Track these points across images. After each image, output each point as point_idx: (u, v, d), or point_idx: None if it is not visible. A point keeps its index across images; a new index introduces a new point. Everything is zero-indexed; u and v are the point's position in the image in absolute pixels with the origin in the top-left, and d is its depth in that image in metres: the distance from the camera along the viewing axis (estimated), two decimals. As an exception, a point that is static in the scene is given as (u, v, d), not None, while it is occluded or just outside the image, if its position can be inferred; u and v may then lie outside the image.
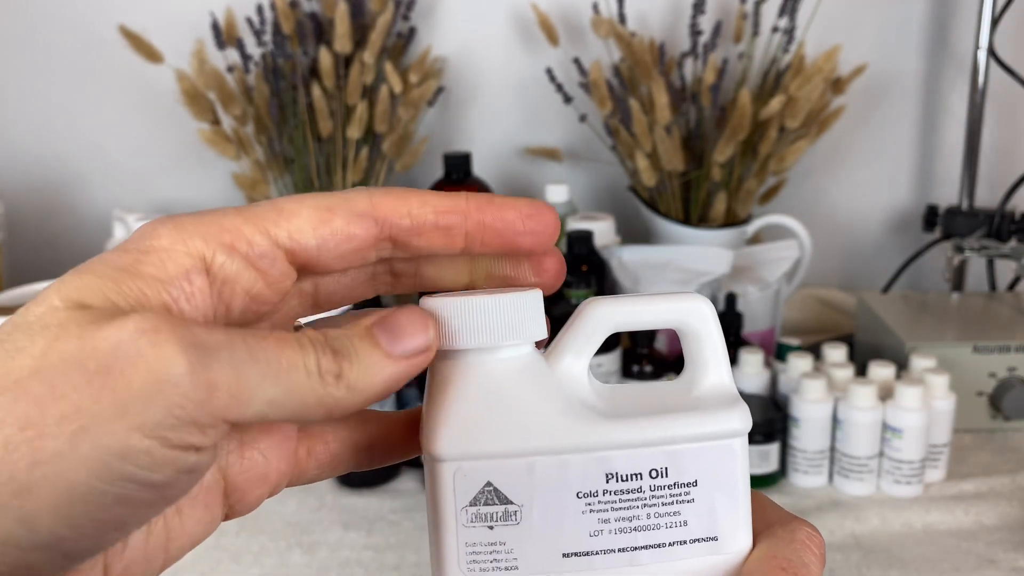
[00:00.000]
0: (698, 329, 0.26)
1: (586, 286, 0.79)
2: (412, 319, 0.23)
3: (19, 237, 1.09)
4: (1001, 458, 0.80)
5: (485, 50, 1.11)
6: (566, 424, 0.24)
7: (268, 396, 0.21)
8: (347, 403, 0.22)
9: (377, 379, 0.22)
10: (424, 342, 0.23)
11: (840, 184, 1.15)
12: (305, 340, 0.22)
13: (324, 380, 0.22)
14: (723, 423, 0.25)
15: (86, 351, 0.20)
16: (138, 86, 1.09)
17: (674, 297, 0.26)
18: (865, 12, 1.09)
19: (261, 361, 0.21)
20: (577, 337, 0.25)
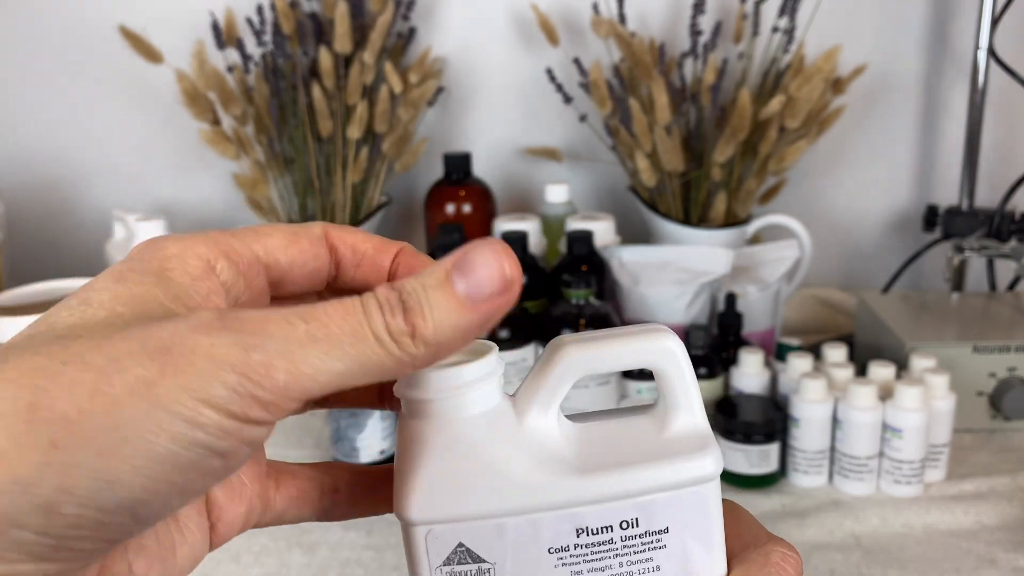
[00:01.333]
0: (668, 368, 0.25)
1: (586, 286, 0.79)
2: (486, 256, 0.23)
3: (19, 237, 1.10)
4: (1001, 458, 0.80)
5: (485, 50, 1.11)
6: (536, 482, 0.24)
7: (336, 369, 0.21)
8: (425, 357, 0.22)
9: (453, 330, 0.22)
10: (501, 284, 0.22)
11: (840, 184, 1.15)
12: (372, 304, 0.22)
13: (398, 342, 0.22)
14: (694, 470, 0.25)
15: (146, 337, 0.21)
16: (138, 86, 1.09)
17: (642, 336, 0.25)
18: (865, 12, 1.09)
19: (321, 340, 0.21)
20: (545, 386, 0.25)
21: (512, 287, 0.23)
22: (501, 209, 1.12)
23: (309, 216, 0.99)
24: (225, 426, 0.20)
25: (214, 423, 0.20)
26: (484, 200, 1.03)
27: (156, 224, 0.95)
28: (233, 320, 0.21)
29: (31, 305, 0.88)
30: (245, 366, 0.21)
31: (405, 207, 1.15)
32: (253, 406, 0.21)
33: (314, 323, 0.22)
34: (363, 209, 1.00)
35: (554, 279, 0.86)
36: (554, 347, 0.25)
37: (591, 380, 0.79)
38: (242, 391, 0.20)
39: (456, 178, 1.03)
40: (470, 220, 1.01)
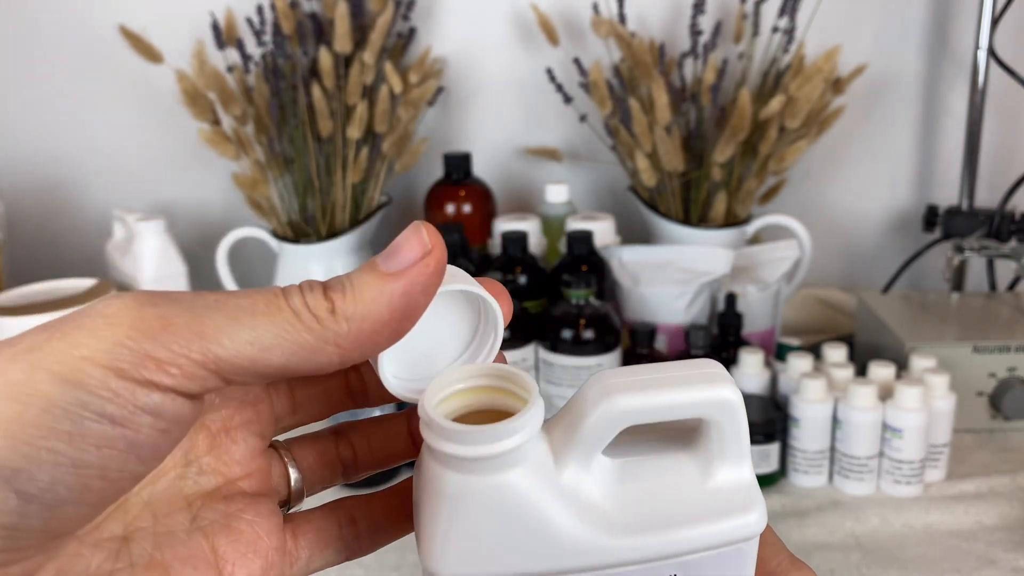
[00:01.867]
0: (724, 421, 0.23)
1: (586, 286, 0.79)
2: (407, 233, 0.23)
3: (19, 237, 1.09)
4: (1001, 458, 0.80)
5: (485, 50, 1.11)
6: (576, 542, 0.23)
7: (246, 336, 0.20)
8: (352, 334, 0.22)
9: (375, 301, 0.22)
10: (420, 251, 0.22)
11: (840, 184, 1.15)
12: (291, 286, 0.22)
13: (317, 317, 0.21)
14: (740, 530, 0.24)
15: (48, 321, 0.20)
16: (138, 86, 1.09)
17: (699, 386, 0.23)
18: (865, 12, 1.09)
19: (229, 305, 0.21)
20: (587, 439, 0.23)
21: (433, 252, 0.22)
22: (501, 209, 1.12)
23: (309, 216, 0.99)
24: (113, 386, 0.19)
25: (99, 381, 0.19)
26: (484, 200, 1.03)
27: (156, 224, 0.96)
28: (139, 292, 0.21)
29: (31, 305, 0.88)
30: (139, 319, 0.20)
31: (405, 207, 1.15)
32: (148, 364, 0.19)
33: (224, 295, 0.21)
34: (363, 209, 1.00)
35: (554, 279, 0.86)
36: (599, 393, 0.23)
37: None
38: (133, 346, 0.19)
39: (456, 178, 1.03)
40: (470, 220, 1.01)
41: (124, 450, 0.20)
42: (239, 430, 0.27)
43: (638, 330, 0.82)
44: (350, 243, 0.98)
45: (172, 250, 0.97)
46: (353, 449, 0.29)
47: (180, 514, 0.25)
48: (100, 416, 0.19)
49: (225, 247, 1.00)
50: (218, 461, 0.26)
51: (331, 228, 0.99)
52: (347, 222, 0.99)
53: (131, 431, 0.20)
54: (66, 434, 0.19)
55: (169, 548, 0.24)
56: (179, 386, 0.20)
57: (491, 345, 0.26)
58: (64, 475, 0.19)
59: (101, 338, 0.19)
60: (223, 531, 0.25)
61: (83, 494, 0.20)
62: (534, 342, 0.82)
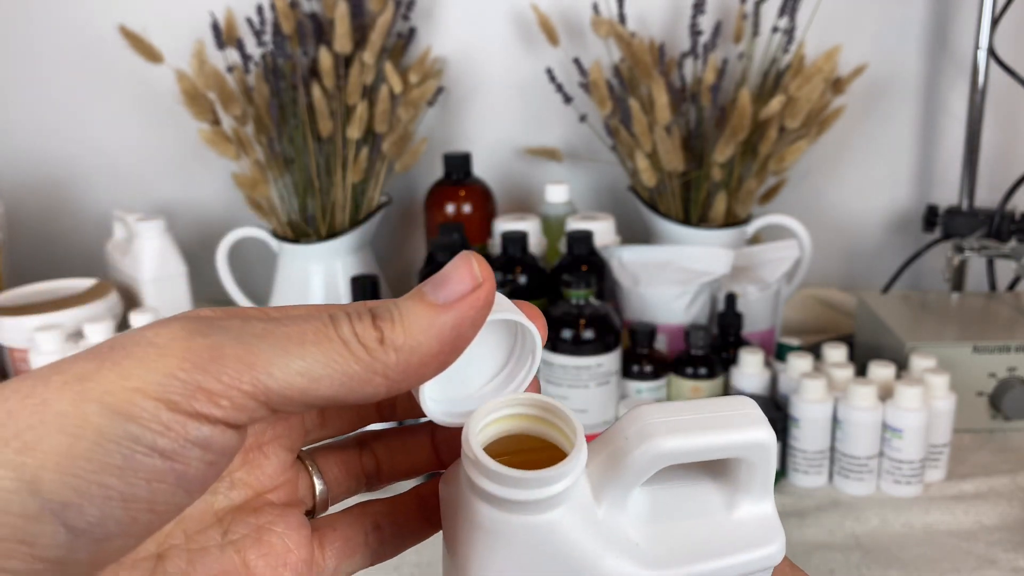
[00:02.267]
0: (757, 462, 0.24)
1: (586, 286, 0.79)
2: (457, 264, 0.22)
3: (19, 237, 1.09)
4: (1001, 458, 0.80)
5: (485, 50, 1.11)
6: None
7: (296, 367, 0.20)
8: (400, 365, 0.21)
9: (426, 333, 0.22)
10: (471, 283, 0.22)
11: (840, 184, 1.15)
12: (339, 312, 0.22)
13: (367, 347, 0.21)
14: (762, 561, 0.25)
15: (95, 346, 0.20)
16: (138, 86, 1.09)
17: (740, 428, 0.23)
18: (865, 12, 1.09)
19: (278, 335, 0.20)
20: (626, 477, 0.23)
21: (484, 284, 0.22)
22: (501, 209, 1.12)
23: (309, 216, 0.99)
24: (164, 419, 0.19)
25: (150, 414, 0.19)
26: (484, 200, 1.03)
27: (156, 224, 0.96)
28: (187, 318, 0.20)
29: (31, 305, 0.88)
30: (189, 350, 0.19)
31: (405, 207, 1.15)
32: (199, 396, 0.19)
33: (274, 323, 0.21)
34: (363, 209, 1.00)
35: (554, 279, 0.86)
36: (641, 433, 0.23)
37: (591, 380, 0.79)
38: (184, 378, 0.19)
39: (456, 178, 1.03)
40: (470, 220, 1.01)
41: (173, 483, 0.19)
42: (271, 445, 0.27)
43: (638, 330, 0.82)
44: (350, 243, 0.98)
45: (172, 250, 0.97)
46: (376, 460, 0.29)
47: (212, 530, 0.25)
48: (151, 450, 0.19)
49: (225, 247, 1.00)
50: (249, 475, 0.26)
51: (331, 228, 0.99)
52: (347, 222, 0.99)
53: (181, 465, 0.19)
54: (117, 468, 0.18)
55: (202, 564, 0.24)
56: (229, 418, 0.20)
57: (528, 368, 0.26)
58: (114, 509, 0.19)
59: (152, 369, 0.19)
60: (254, 545, 0.25)
61: (131, 527, 0.19)
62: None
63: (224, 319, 0.21)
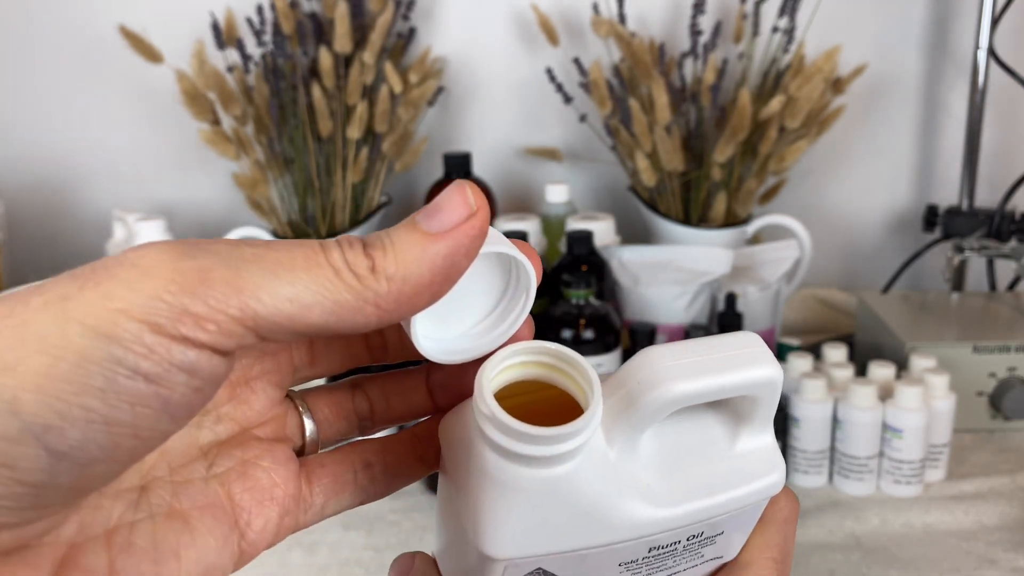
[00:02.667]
0: (764, 396, 0.24)
1: (586, 286, 0.79)
2: (450, 192, 0.22)
3: (19, 237, 1.09)
4: (1001, 458, 0.80)
5: (485, 50, 1.11)
6: (624, 520, 0.24)
7: (285, 293, 0.20)
8: (392, 294, 0.21)
9: (418, 262, 0.21)
10: (465, 211, 0.22)
11: (840, 184, 1.15)
12: (330, 241, 0.21)
13: (357, 275, 0.20)
14: (764, 490, 0.25)
15: (77, 269, 0.20)
16: (138, 86, 1.09)
17: (749, 367, 0.24)
18: (865, 12, 1.09)
19: (268, 259, 0.20)
20: (640, 420, 0.23)
21: (478, 213, 0.22)
22: (501, 209, 1.12)
23: (309, 216, 0.99)
24: (148, 341, 0.18)
25: (134, 336, 0.18)
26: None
27: (156, 224, 0.96)
28: (174, 241, 0.20)
29: (31, 305, 0.87)
30: (176, 272, 0.19)
31: (405, 207, 1.15)
32: (184, 319, 0.18)
33: (263, 248, 0.20)
34: (363, 209, 1.00)
35: (554, 279, 0.86)
36: (653, 378, 0.23)
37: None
38: (171, 300, 0.18)
39: (456, 178, 1.03)
40: (470, 220, 1.01)
41: (158, 408, 0.19)
42: (259, 380, 0.26)
43: (638, 330, 0.82)
44: (350, 243, 0.98)
45: (172, 250, 0.97)
46: (370, 402, 0.29)
47: (196, 463, 0.25)
48: (134, 372, 0.18)
49: (225, 247, 1.00)
50: (236, 410, 0.26)
51: (331, 228, 0.99)
52: (347, 222, 0.99)
53: (166, 389, 0.19)
54: (99, 391, 0.18)
55: (187, 497, 0.24)
56: (215, 343, 0.19)
57: (522, 305, 0.26)
58: (96, 433, 0.18)
59: (136, 290, 0.18)
60: (239, 479, 0.25)
61: (114, 452, 0.19)
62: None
63: (212, 243, 0.20)
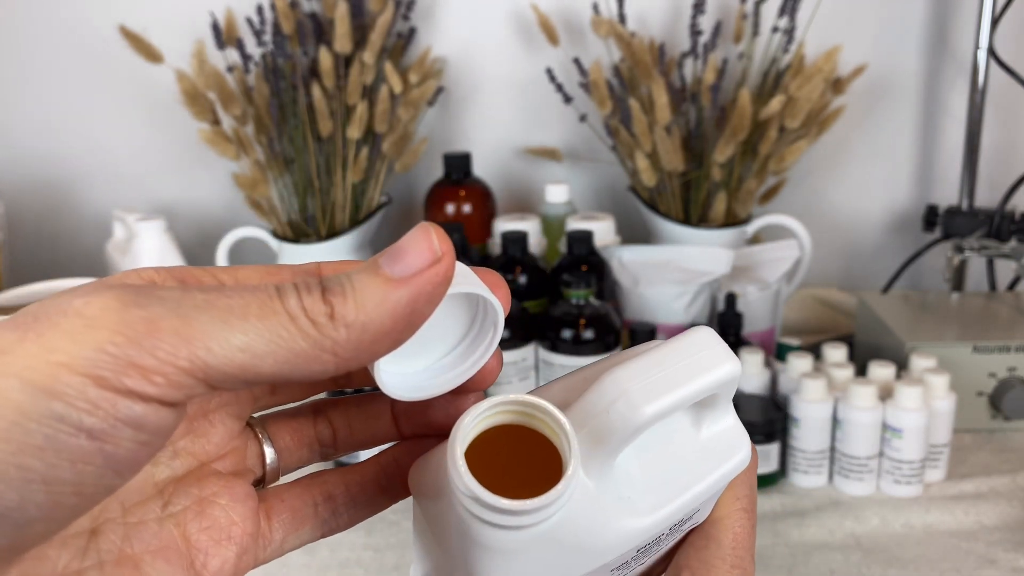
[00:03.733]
0: (727, 391, 0.25)
1: (586, 286, 0.79)
2: (415, 236, 0.21)
3: (19, 237, 1.10)
4: (1001, 458, 0.80)
5: (485, 50, 1.11)
6: (613, 542, 0.24)
7: (237, 342, 0.19)
8: (351, 343, 0.20)
9: (378, 309, 0.20)
10: (429, 257, 0.21)
11: (840, 184, 1.15)
12: (287, 284, 0.20)
13: (315, 322, 0.20)
14: (734, 470, 0.26)
15: (19, 313, 0.19)
16: (138, 86, 1.09)
17: (712, 370, 0.23)
18: (865, 12, 1.09)
19: (219, 307, 0.19)
20: (615, 445, 0.23)
21: (443, 259, 0.21)
22: (501, 209, 1.12)
23: (309, 216, 0.99)
24: (92, 395, 0.17)
25: (76, 391, 0.17)
26: (484, 200, 1.03)
27: (156, 224, 0.96)
28: (122, 288, 0.19)
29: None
30: (122, 322, 0.18)
31: (405, 207, 1.15)
32: (130, 372, 0.18)
33: (215, 294, 0.19)
34: (363, 209, 1.00)
35: (554, 279, 0.86)
36: (625, 402, 0.22)
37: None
38: (115, 352, 0.17)
39: (456, 178, 1.03)
40: (470, 220, 1.01)
41: (101, 465, 0.18)
42: (217, 412, 0.26)
43: (638, 330, 0.82)
44: (350, 243, 0.98)
45: (172, 250, 0.97)
46: (332, 428, 0.28)
47: (151, 502, 0.24)
48: (77, 429, 0.17)
49: (225, 247, 1.00)
50: (194, 444, 0.25)
51: (331, 228, 0.99)
52: (347, 222, 0.99)
53: (110, 445, 0.18)
54: (38, 449, 0.17)
55: (139, 540, 0.23)
56: (163, 395, 0.18)
57: (489, 340, 0.25)
58: (35, 493, 0.17)
59: (80, 342, 0.17)
60: (196, 518, 0.24)
61: (54, 511, 0.18)
62: (534, 342, 0.82)
63: (161, 289, 0.19)
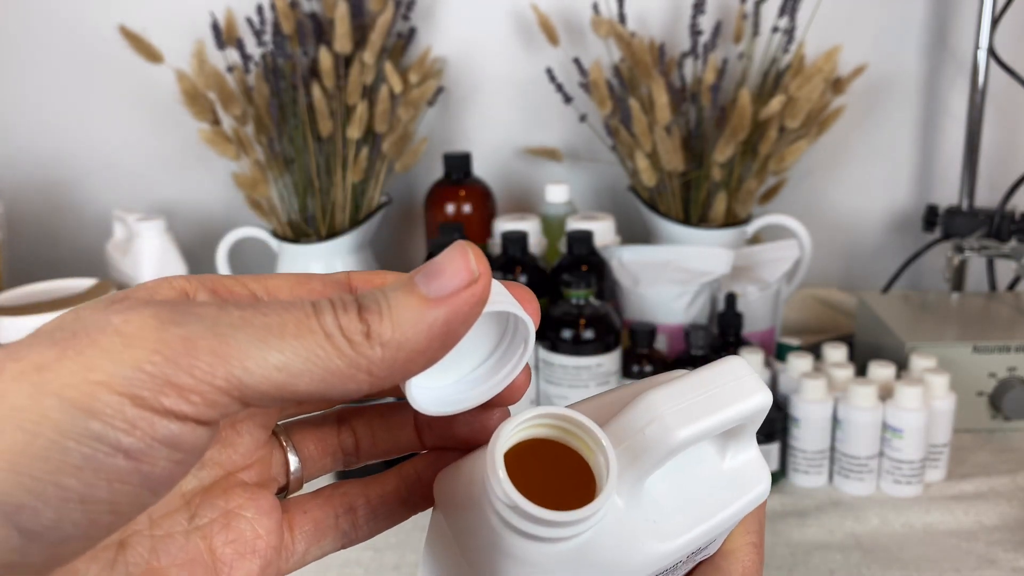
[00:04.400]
0: (756, 419, 0.25)
1: (586, 286, 0.79)
2: (452, 255, 0.21)
3: (19, 237, 1.10)
4: (1001, 458, 0.80)
5: (485, 50, 1.11)
6: (635, 564, 0.24)
7: (274, 361, 0.19)
8: (386, 362, 0.20)
9: (415, 328, 0.20)
10: (467, 277, 0.21)
11: (840, 184, 1.15)
12: (324, 301, 0.20)
13: (351, 341, 0.19)
14: (755, 501, 0.26)
15: (57, 324, 0.19)
16: (138, 86, 1.09)
17: (744, 400, 0.24)
18: (865, 12, 1.09)
19: (256, 325, 0.19)
20: (647, 468, 0.23)
21: (480, 280, 0.21)
22: (501, 209, 1.12)
23: (309, 216, 0.99)
24: (130, 415, 0.17)
25: (115, 410, 0.17)
26: (484, 200, 1.03)
27: (156, 224, 0.96)
28: (159, 304, 0.19)
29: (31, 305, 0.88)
30: (160, 342, 0.18)
31: (405, 207, 1.15)
32: (168, 391, 0.18)
33: (251, 311, 0.19)
34: (363, 209, 1.00)
35: (554, 279, 0.86)
36: (659, 426, 0.23)
37: (591, 380, 0.79)
38: (153, 371, 0.17)
39: (456, 178, 1.03)
40: (470, 220, 1.01)
41: (137, 484, 0.18)
42: (244, 423, 0.26)
43: (638, 330, 0.82)
44: (350, 243, 0.98)
45: (172, 250, 0.97)
46: (355, 437, 0.28)
47: (178, 514, 0.24)
48: (115, 449, 0.17)
49: (225, 247, 1.00)
50: (221, 454, 0.25)
51: (331, 228, 0.99)
52: (347, 222, 0.99)
53: (147, 464, 0.18)
54: (76, 468, 0.17)
55: (166, 553, 0.23)
56: (199, 415, 0.18)
57: (520, 355, 0.25)
58: (71, 512, 0.17)
59: (118, 361, 0.17)
60: (222, 531, 0.24)
61: (89, 529, 0.18)
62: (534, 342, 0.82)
63: (198, 306, 0.19)
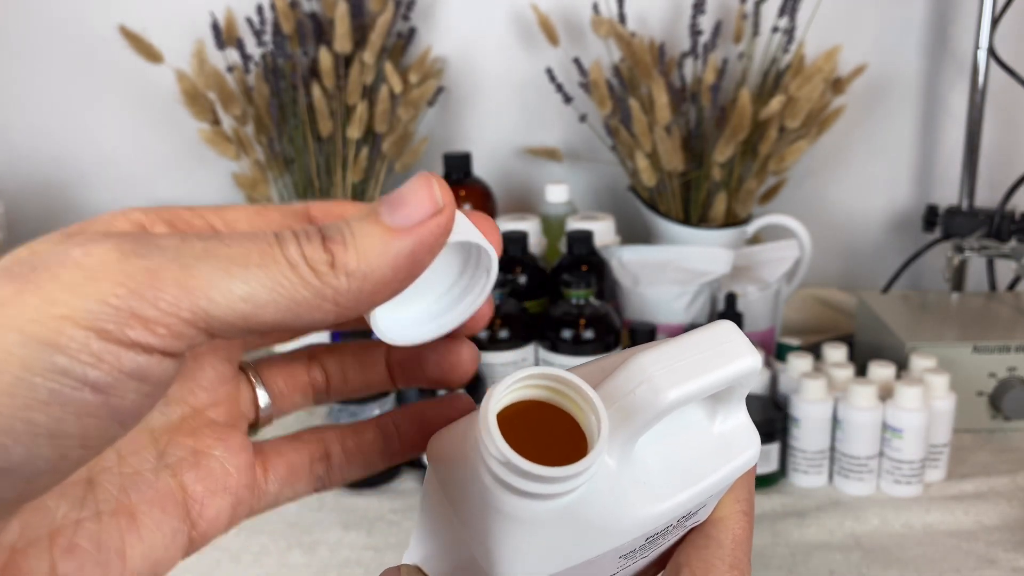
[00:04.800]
0: (745, 383, 0.25)
1: (586, 286, 0.79)
2: (416, 185, 0.21)
3: (19, 237, 1.09)
4: (1001, 458, 0.80)
5: (485, 50, 1.11)
6: (628, 526, 0.24)
7: (239, 291, 0.19)
8: (351, 292, 0.20)
9: (380, 258, 0.20)
10: (431, 207, 0.21)
11: (840, 184, 1.15)
12: (287, 232, 0.20)
13: (316, 271, 0.19)
14: (743, 466, 0.26)
15: (15, 258, 0.18)
16: (138, 86, 1.09)
17: (734, 362, 0.24)
18: (865, 12, 1.09)
19: (220, 255, 0.19)
20: (637, 429, 0.23)
21: (444, 210, 0.21)
22: (501, 209, 1.12)
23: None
24: (95, 348, 0.17)
25: (80, 344, 0.17)
26: (484, 200, 1.03)
27: (156, 224, 0.96)
28: (120, 236, 0.18)
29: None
30: (123, 274, 0.18)
31: (405, 207, 1.15)
32: (133, 324, 0.17)
33: (214, 242, 0.19)
34: (363, 209, 1.00)
35: (554, 279, 0.86)
36: (649, 389, 0.23)
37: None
38: (118, 304, 0.17)
39: (456, 178, 1.03)
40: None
41: (106, 417, 0.18)
42: (207, 356, 0.25)
43: (638, 330, 0.82)
44: (350, 243, 0.98)
45: (172, 250, 0.97)
46: (326, 374, 0.28)
47: (146, 451, 0.24)
48: (82, 383, 0.17)
49: (225, 247, 1.00)
50: (184, 389, 0.25)
51: (331, 228, 0.99)
52: (347, 222, 0.99)
53: (115, 398, 0.18)
54: (43, 403, 0.17)
55: (135, 490, 0.23)
56: (166, 346, 0.18)
57: (483, 285, 0.25)
58: (41, 447, 0.17)
59: (81, 294, 0.17)
60: (192, 468, 0.24)
61: (60, 463, 0.18)
62: (534, 342, 0.82)
63: (160, 237, 0.19)
